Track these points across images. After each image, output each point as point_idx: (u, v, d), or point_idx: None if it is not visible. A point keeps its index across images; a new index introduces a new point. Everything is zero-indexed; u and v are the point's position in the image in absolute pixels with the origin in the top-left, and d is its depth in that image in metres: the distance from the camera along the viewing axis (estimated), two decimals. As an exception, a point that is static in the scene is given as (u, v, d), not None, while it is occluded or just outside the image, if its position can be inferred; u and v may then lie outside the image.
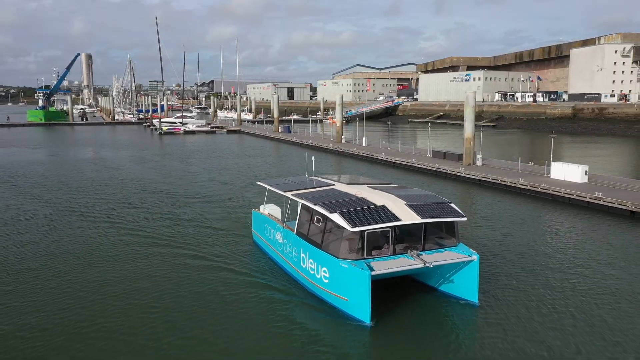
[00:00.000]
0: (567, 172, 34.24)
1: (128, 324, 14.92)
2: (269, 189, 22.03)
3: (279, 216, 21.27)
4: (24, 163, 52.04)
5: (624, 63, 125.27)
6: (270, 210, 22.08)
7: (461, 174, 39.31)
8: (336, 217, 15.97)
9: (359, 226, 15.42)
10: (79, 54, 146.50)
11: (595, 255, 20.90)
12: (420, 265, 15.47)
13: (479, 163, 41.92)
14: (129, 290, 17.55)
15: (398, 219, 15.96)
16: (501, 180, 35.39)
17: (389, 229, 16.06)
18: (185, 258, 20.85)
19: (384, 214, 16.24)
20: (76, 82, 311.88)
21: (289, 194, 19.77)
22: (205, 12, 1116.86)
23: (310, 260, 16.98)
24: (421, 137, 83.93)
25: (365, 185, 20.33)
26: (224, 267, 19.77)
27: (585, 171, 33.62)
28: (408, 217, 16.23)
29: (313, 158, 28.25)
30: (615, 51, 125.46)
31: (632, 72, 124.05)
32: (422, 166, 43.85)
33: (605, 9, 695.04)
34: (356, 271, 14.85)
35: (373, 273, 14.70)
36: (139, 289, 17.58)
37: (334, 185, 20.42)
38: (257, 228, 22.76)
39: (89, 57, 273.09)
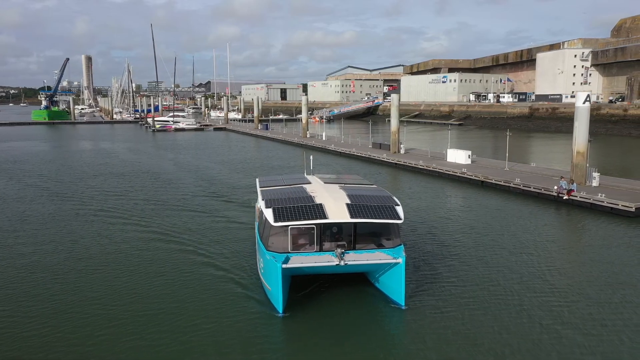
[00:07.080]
0: (457, 156, 44.96)
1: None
2: (257, 184, 22.34)
3: None
4: (56, 153, 62.99)
5: (582, 66, 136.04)
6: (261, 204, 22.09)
7: (384, 159, 50.12)
8: (268, 212, 16.52)
9: (282, 221, 15.97)
10: (68, 59, 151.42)
11: (453, 210, 30.50)
12: (334, 264, 15.53)
13: (402, 151, 52.69)
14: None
15: (325, 217, 16.16)
16: (408, 163, 46.23)
17: (313, 226, 16.33)
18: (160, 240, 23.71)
19: (314, 211, 16.40)
20: (76, 83, 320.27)
21: (261, 190, 20.37)
22: (208, 13, 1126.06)
23: (258, 251, 17.97)
24: (387, 132, 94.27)
25: (338, 185, 20.34)
26: (208, 261, 20.65)
27: (469, 155, 44.32)
28: (338, 216, 16.36)
29: (311, 157, 29.40)
30: (575, 55, 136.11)
31: (590, 74, 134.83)
32: (358, 154, 54.80)
33: (606, 8, 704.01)
34: (272, 263, 15.44)
35: (284, 266, 15.15)
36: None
37: (310, 183, 20.72)
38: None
39: (89, 59, 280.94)
